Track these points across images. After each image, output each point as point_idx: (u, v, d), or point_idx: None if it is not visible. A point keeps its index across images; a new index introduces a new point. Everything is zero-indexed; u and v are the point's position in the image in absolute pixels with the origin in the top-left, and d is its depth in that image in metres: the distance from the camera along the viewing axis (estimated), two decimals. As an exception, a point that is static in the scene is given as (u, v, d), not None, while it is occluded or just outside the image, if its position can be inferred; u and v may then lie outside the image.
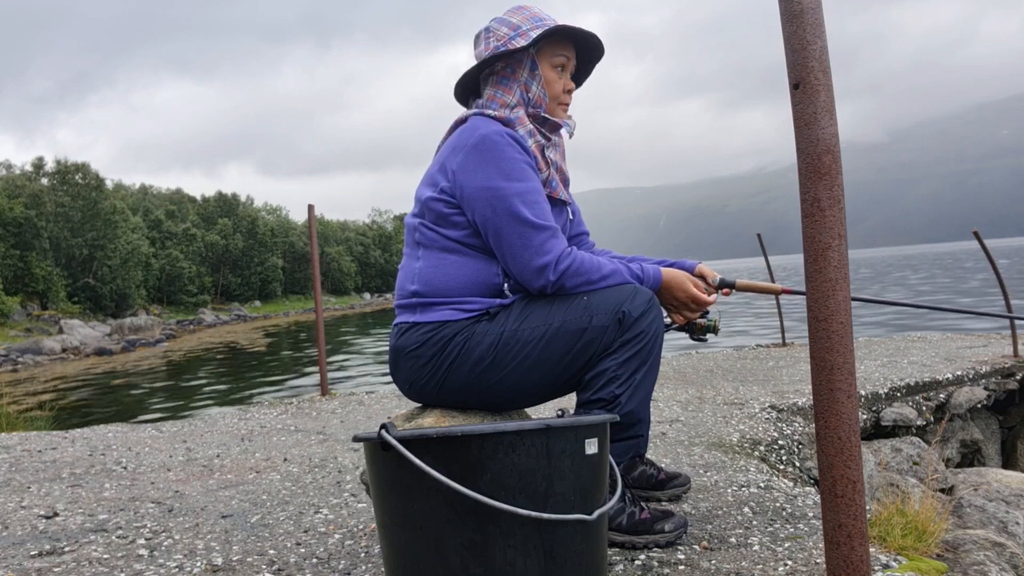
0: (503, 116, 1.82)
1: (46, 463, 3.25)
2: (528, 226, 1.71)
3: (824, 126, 1.24)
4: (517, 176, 1.73)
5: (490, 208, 1.72)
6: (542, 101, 1.88)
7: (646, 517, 1.75)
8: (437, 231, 1.81)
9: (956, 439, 4.52)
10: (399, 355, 1.83)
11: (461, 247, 1.80)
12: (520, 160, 1.75)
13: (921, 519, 1.80)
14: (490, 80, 1.90)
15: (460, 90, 1.98)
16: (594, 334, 1.70)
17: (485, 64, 1.88)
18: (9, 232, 40.16)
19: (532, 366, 1.73)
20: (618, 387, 1.71)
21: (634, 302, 1.71)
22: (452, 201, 1.78)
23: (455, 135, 1.84)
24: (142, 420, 6.20)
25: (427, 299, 1.80)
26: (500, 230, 1.73)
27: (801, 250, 1.29)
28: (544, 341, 1.71)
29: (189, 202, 69.46)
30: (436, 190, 1.81)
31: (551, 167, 1.89)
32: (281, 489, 2.58)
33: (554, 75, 1.89)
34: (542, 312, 1.74)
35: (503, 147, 1.74)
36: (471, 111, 1.88)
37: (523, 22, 1.85)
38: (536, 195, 1.75)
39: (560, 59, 1.89)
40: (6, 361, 25.38)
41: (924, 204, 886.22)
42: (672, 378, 5.13)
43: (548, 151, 1.89)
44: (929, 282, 35.09)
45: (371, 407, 4.70)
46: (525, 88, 1.86)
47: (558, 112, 1.93)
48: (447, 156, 1.81)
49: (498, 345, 1.73)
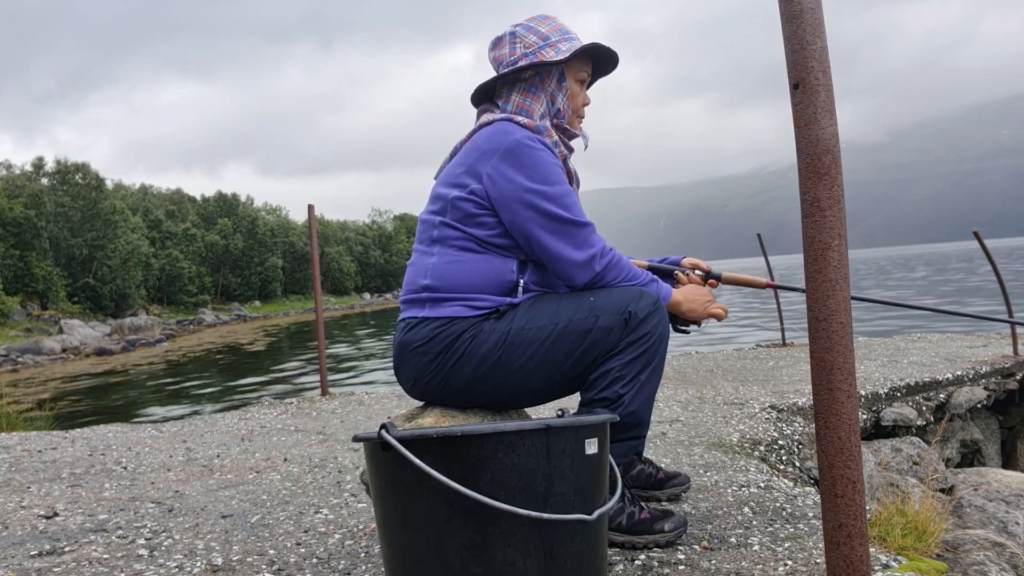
0: (533, 124, 1.85)
1: (46, 463, 3.25)
2: (570, 224, 1.76)
3: (824, 126, 1.25)
4: (554, 180, 1.78)
5: (530, 209, 1.76)
6: (566, 113, 1.93)
7: (646, 517, 1.75)
8: (462, 229, 1.82)
9: (956, 439, 4.52)
10: (404, 350, 1.82)
11: (482, 246, 1.81)
12: (554, 164, 1.80)
13: (921, 519, 1.80)
14: (517, 87, 1.91)
15: (478, 91, 1.97)
16: (600, 334, 1.71)
17: (515, 70, 1.89)
18: (9, 232, 40.17)
19: (538, 365, 1.74)
20: (622, 387, 1.72)
21: (640, 303, 1.73)
22: (482, 203, 1.79)
23: (483, 138, 1.82)
24: (142, 420, 6.20)
25: (438, 294, 1.80)
26: (542, 230, 1.76)
27: (801, 250, 1.29)
28: (550, 341, 1.72)
29: (189, 202, 69.43)
30: (465, 191, 1.81)
31: (572, 177, 1.95)
32: (281, 489, 2.58)
33: (577, 89, 1.94)
34: (549, 311, 1.75)
35: (538, 151, 1.78)
36: (498, 115, 1.86)
37: (551, 33, 1.88)
38: (572, 196, 1.81)
39: (583, 74, 1.94)
40: (6, 361, 25.38)
41: (924, 204, 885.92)
42: (672, 378, 5.13)
43: (568, 162, 1.95)
44: (927, 279, 35.05)
45: (371, 407, 4.70)
46: (552, 99, 1.90)
47: (576, 125, 1.98)
48: (477, 158, 1.80)
49: (504, 343, 1.73)
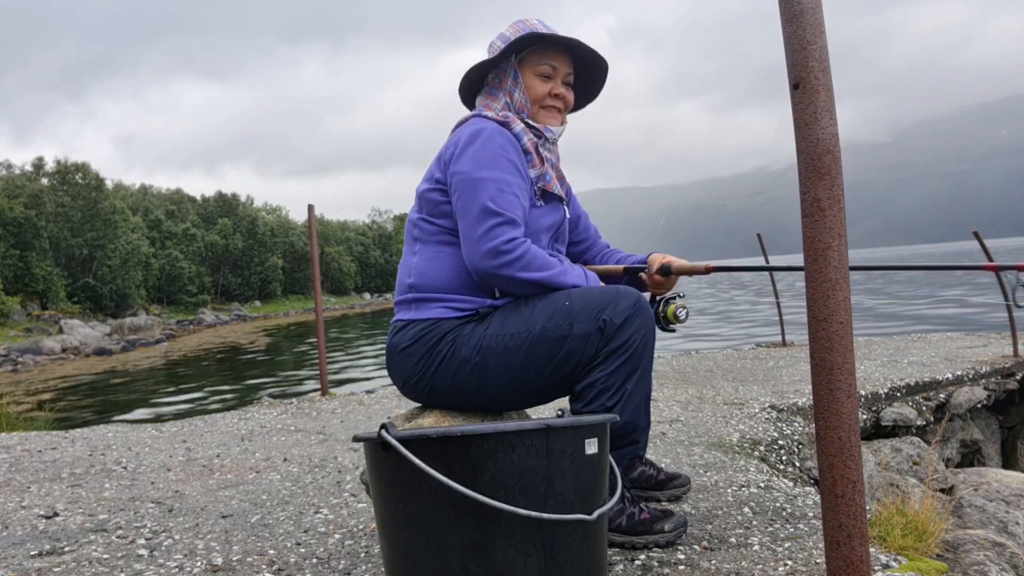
0: (499, 117, 1.88)
1: (46, 463, 3.25)
2: (484, 211, 1.73)
3: (824, 126, 1.24)
4: (493, 166, 1.76)
5: (460, 191, 1.77)
6: (524, 107, 1.92)
7: (646, 517, 1.75)
8: (432, 222, 1.86)
9: (956, 439, 4.52)
10: (393, 352, 1.86)
11: (454, 237, 1.82)
12: (502, 155, 1.78)
13: (921, 519, 1.80)
14: (483, 90, 1.98)
15: (466, 93, 2.04)
16: (576, 343, 1.68)
17: (477, 75, 1.95)
18: (9, 232, 40.15)
19: (516, 372, 1.72)
20: (609, 399, 1.69)
21: (616, 307, 1.68)
22: (444, 189, 1.84)
23: (454, 133, 1.91)
24: (142, 420, 6.20)
25: (422, 294, 1.83)
26: (462, 212, 1.76)
27: (801, 250, 1.29)
28: (526, 348, 1.70)
29: (189, 202, 69.40)
30: (432, 182, 1.87)
31: (546, 163, 1.91)
32: (281, 489, 2.58)
33: (537, 81, 1.93)
34: (524, 317, 1.72)
35: (492, 138, 1.79)
36: (471, 113, 1.96)
37: (512, 33, 1.91)
38: (506, 187, 1.75)
39: (544, 68, 1.92)
40: (6, 361, 25.37)
41: (924, 204, 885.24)
42: (672, 378, 5.13)
43: (543, 148, 1.92)
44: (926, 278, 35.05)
45: (371, 407, 4.70)
46: (509, 95, 1.92)
47: (540, 115, 1.95)
48: (443, 150, 1.88)
49: (481, 349, 1.73)
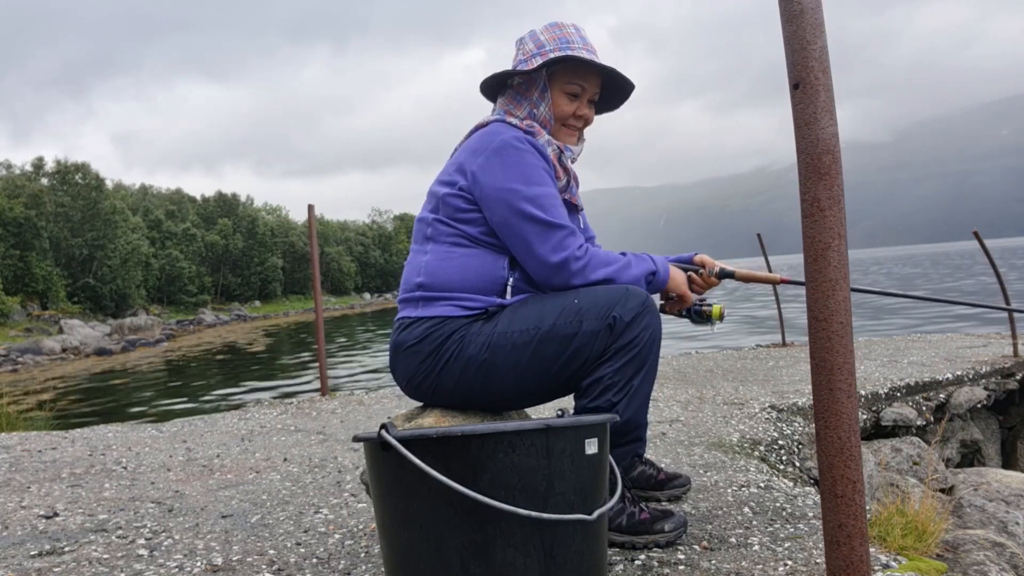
0: (524, 126, 1.86)
1: (46, 463, 3.25)
2: (544, 225, 1.74)
3: (824, 126, 1.24)
4: (535, 180, 1.77)
5: (508, 209, 1.76)
6: (547, 123, 1.91)
7: (646, 517, 1.75)
8: (453, 225, 1.84)
9: (956, 439, 4.52)
10: (398, 350, 1.84)
11: (472, 242, 1.82)
12: (538, 166, 1.80)
13: (921, 519, 1.80)
14: (507, 92, 1.94)
15: (487, 88, 2.01)
16: (585, 340, 1.69)
17: (508, 74, 1.92)
18: (9, 232, 40.15)
19: (524, 370, 1.72)
20: (615, 394, 1.70)
21: (626, 305, 1.69)
22: (470, 198, 1.82)
23: (475, 138, 1.87)
24: (142, 420, 6.20)
25: (431, 292, 1.81)
26: (518, 230, 1.76)
27: (801, 250, 1.29)
28: (534, 345, 1.71)
29: (189, 202, 69.36)
30: (454, 188, 1.84)
31: (569, 174, 1.92)
32: (281, 489, 2.58)
33: (564, 100, 1.91)
34: (533, 314, 1.73)
35: (523, 152, 1.78)
36: (492, 116, 1.92)
37: (549, 42, 1.87)
38: (552, 199, 1.79)
39: (574, 87, 1.91)
40: (6, 361, 25.37)
41: (924, 204, 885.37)
42: (672, 378, 5.12)
43: (565, 159, 1.92)
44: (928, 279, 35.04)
45: (371, 407, 4.70)
46: (534, 106, 1.90)
47: (560, 133, 1.94)
48: (466, 157, 1.84)
49: (489, 346, 1.73)
